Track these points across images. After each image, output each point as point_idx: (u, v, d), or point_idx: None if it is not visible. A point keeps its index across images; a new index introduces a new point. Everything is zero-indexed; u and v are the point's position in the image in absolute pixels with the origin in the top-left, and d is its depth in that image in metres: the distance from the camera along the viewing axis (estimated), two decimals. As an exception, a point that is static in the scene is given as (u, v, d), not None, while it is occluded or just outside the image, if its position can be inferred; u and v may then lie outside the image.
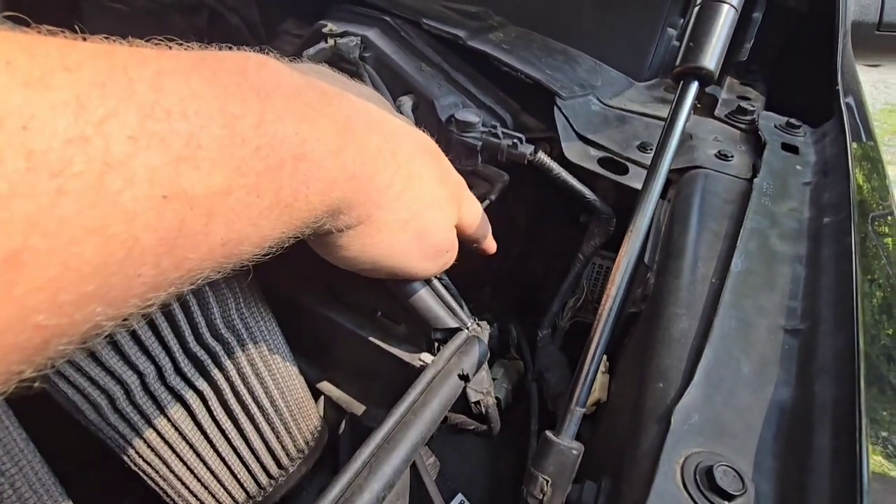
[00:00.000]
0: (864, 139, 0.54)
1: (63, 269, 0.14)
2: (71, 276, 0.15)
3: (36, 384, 0.16)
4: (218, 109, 0.18)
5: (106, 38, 0.17)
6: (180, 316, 0.34)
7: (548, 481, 0.28)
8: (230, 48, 0.22)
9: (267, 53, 0.23)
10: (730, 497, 0.24)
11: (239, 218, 0.20)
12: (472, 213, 0.37)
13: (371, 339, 0.42)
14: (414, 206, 0.29)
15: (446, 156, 0.35)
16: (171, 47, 0.19)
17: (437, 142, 0.35)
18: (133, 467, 0.36)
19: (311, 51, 0.57)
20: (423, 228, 0.31)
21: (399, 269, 0.32)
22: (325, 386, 0.48)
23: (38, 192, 0.14)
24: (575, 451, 0.29)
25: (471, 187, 0.55)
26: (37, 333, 0.15)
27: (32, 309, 0.14)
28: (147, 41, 0.19)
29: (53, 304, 0.15)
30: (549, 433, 0.30)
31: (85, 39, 0.16)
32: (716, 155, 0.50)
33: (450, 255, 0.35)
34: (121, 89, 0.15)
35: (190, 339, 0.35)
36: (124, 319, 0.18)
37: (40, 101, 0.14)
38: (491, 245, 0.42)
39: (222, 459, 0.39)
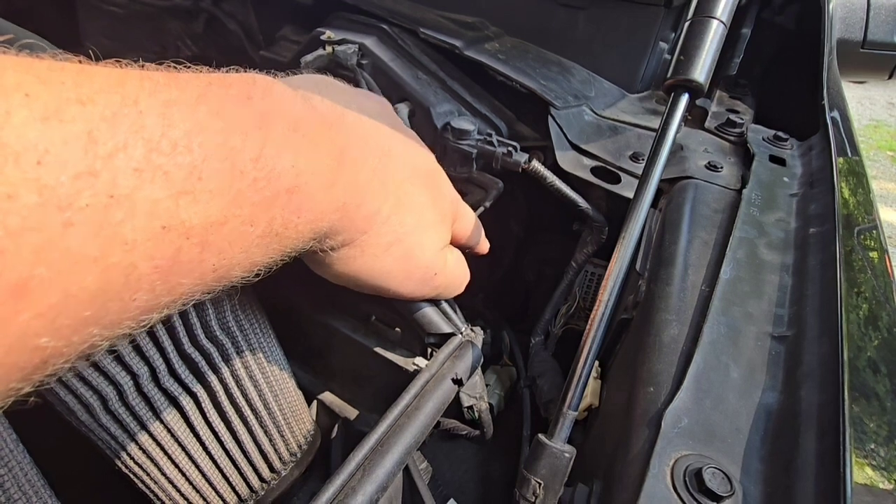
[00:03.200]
0: (850, 154, 0.56)
1: (64, 295, 0.15)
2: (71, 303, 0.15)
3: (31, 399, 0.17)
4: (220, 143, 0.19)
5: (118, 62, 0.18)
6: (175, 317, 0.34)
7: (540, 484, 0.29)
8: (236, 70, 0.23)
9: (272, 74, 0.24)
10: (718, 498, 0.25)
11: (231, 246, 0.20)
12: (465, 225, 0.38)
13: (365, 343, 0.42)
14: (400, 231, 0.30)
15: (442, 163, 0.36)
16: (178, 69, 0.20)
17: (432, 149, 0.36)
18: (124, 469, 0.35)
19: (309, 57, 0.57)
20: (406, 252, 0.31)
21: (383, 289, 0.32)
22: (319, 390, 0.48)
23: (47, 224, 0.14)
24: (567, 455, 0.29)
25: (465, 194, 0.56)
26: (37, 354, 0.15)
27: (34, 333, 0.15)
28: (159, 65, 0.20)
29: (53, 328, 0.15)
30: (541, 436, 0.30)
31: (97, 63, 0.17)
32: (706, 166, 0.51)
33: (439, 279, 0.35)
34: (130, 122, 0.16)
35: (185, 340, 0.35)
36: (118, 339, 0.19)
37: (54, 135, 0.14)
38: (483, 247, 0.43)
39: (214, 462, 0.38)
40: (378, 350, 0.41)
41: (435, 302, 0.38)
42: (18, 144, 0.13)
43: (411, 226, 0.31)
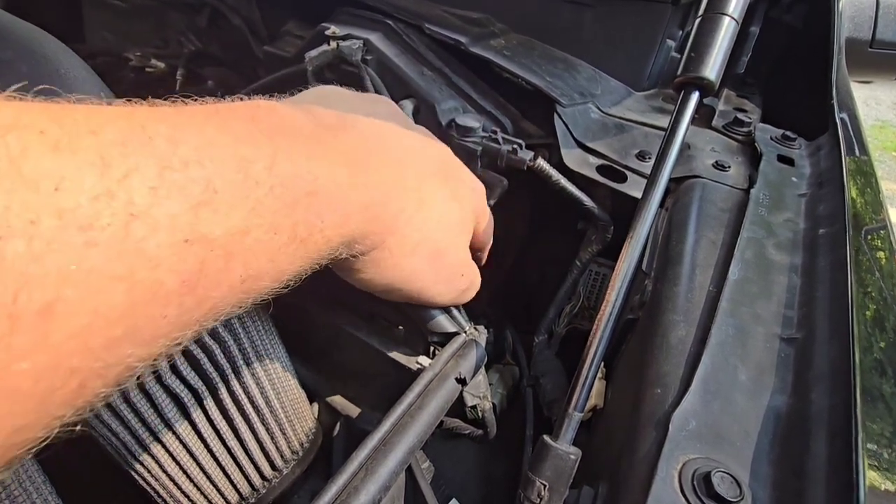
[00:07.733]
0: (858, 153, 0.55)
1: (93, 315, 0.15)
2: (100, 322, 0.16)
3: (77, 428, 0.17)
4: (231, 155, 0.19)
5: (128, 100, 0.19)
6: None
7: (545, 486, 0.28)
8: (241, 99, 0.23)
9: (276, 98, 0.25)
10: (727, 503, 0.24)
11: (257, 256, 0.21)
12: (485, 224, 0.38)
13: (368, 341, 0.41)
14: (425, 229, 0.30)
15: None
16: (186, 103, 0.21)
17: None
18: (125, 466, 0.35)
19: (314, 53, 0.57)
20: (434, 250, 0.31)
21: (414, 291, 0.32)
22: (321, 388, 0.47)
23: (70, 246, 0.15)
24: (572, 456, 0.29)
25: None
26: (72, 377, 0.16)
27: (66, 354, 0.15)
28: (165, 98, 0.21)
29: (85, 348, 0.16)
30: (546, 438, 0.30)
31: (110, 104, 0.18)
32: (713, 165, 0.51)
33: (465, 280, 0.35)
34: (140, 145, 0.17)
35: (187, 337, 0.34)
36: (154, 360, 0.19)
37: (69, 162, 0.15)
38: (483, 258, 0.43)
39: (216, 460, 0.38)
40: (381, 348, 0.41)
41: (445, 308, 0.38)
42: (36, 174, 0.14)
43: (435, 223, 0.31)
